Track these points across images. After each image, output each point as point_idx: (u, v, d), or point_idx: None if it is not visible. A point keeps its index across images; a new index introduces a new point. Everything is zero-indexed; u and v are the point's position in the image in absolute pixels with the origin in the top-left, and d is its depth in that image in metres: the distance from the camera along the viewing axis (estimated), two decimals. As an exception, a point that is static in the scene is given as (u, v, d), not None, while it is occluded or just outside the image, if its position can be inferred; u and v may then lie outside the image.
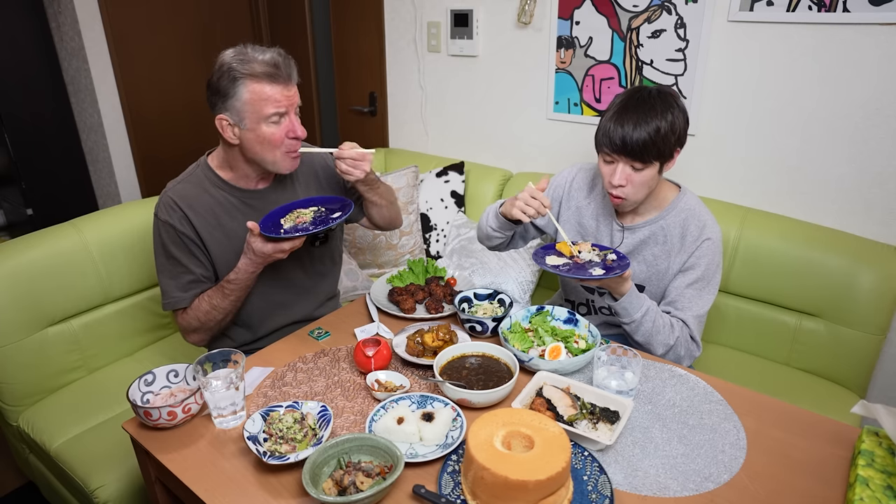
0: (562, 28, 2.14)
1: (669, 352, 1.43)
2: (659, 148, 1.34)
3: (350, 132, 3.13)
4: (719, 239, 1.47)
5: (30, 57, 2.89)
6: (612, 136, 1.35)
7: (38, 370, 1.70)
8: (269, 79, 1.30)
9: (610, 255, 1.40)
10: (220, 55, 1.34)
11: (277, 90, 1.32)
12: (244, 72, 1.30)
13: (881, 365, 1.80)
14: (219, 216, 1.46)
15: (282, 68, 1.32)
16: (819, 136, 1.77)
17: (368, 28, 2.77)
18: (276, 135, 1.35)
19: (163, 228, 1.43)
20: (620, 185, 1.39)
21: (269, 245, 1.33)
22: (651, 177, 1.38)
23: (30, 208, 3.06)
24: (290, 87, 1.35)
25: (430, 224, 2.42)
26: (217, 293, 1.43)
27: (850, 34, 1.64)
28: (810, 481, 1.01)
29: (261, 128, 1.34)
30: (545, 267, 1.34)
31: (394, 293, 1.61)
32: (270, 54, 1.32)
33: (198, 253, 1.45)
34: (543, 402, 1.14)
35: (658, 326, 1.41)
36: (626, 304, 1.40)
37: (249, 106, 1.32)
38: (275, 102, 1.32)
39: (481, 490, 0.90)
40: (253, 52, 1.32)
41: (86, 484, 1.48)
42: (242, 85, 1.30)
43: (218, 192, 1.47)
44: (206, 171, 1.48)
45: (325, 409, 1.13)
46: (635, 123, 1.32)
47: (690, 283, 1.45)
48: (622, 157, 1.36)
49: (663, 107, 1.34)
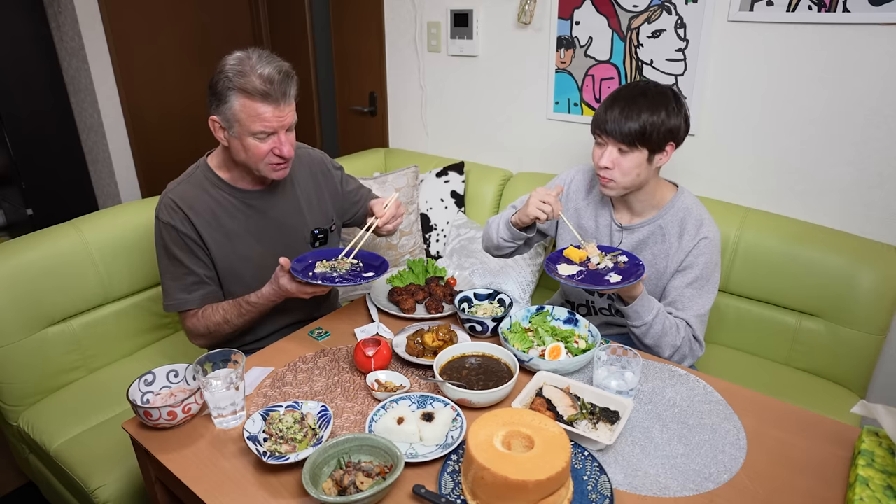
0: (562, 28, 2.14)
1: (676, 353, 1.43)
2: (646, 133, 1.36)
3: (350, 132, 3.13)
4: (717, 238, 1.47)
5: (30, 57, 2.89)
6: (601, 117, 1.40)
7: (38, 370, 1.70)
8: (262, 97, 1.28)
9: (621, 258, 1.39)
10: (224, 57, 1.32)
11: (268, 110, 1.30)
12: (237, 84, 1.28)
13: (881, 365, 1.80)
14: (219, 216, 1.46)
15: (276, 87, 1.28)
16: (819, 135, 1.77)
17: (368, 28, 2.77)
18: (260, 148, 1.35)
19: (164, 230, 1.43)
20: (607, 167, 1.41)
21: (294, 285, 1.35)
22: (638, 163, 1.39)
23: (30, 208, 3.06)
24: (283, 107, 1.32)
25: (430, 224, 2.42)
26: (233, 309, 1.44)
27: (850, 34, 1.64)
28: (810, 481, 1.01)
29: (247, 139, 1.34)
30: (558, 278, 1.32)
31: (394, 293, 1.61)
32: (270, 70, 1.28)
33: (200, 253, 1.45)
34: (543, 402, 1.14)
35: (667, 328, 1.41)
36: (637, 308, 1.39)
37: (238, 117, 1.32)
38: (263, 122, 1.31)
39: (481, 490, 0.90)
40: (255, 63, 1.29)
41: (86, 484, 1.48)
42: (234, 97, 1.29)
43: (218, 193, 1.47)
44: (205, 171, 1.48)
45: (325, 409, 1.13)
46: (624, 107, 1.37)
47: (689, 283, 1.45)
48: (609, 139, 1.40)
49: (659, 100, 1.37)
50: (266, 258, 1.51)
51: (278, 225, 1.54)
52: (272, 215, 1.53)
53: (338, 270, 1.37)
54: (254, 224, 1.50)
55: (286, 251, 1.53)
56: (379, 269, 1.38)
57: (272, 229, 1.53)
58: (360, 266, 1.41)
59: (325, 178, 1.65)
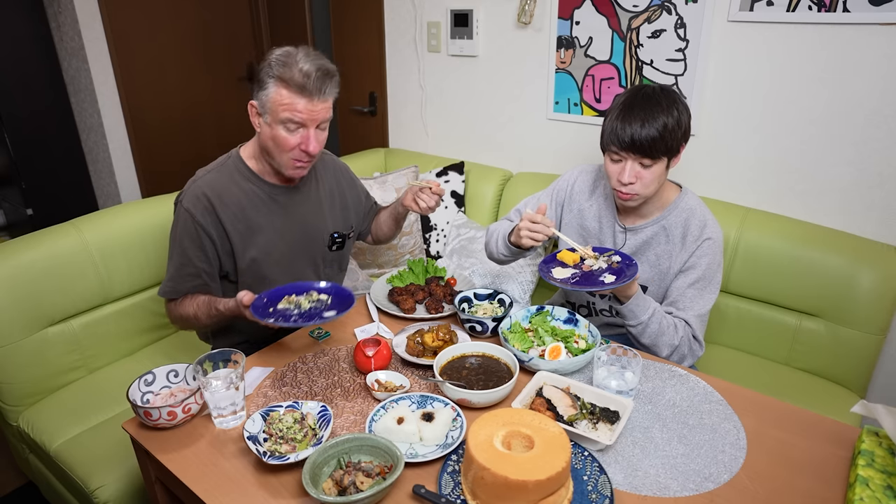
0: (562, 28, 2.14)
1: (674, 352, 1.42)
2: (667, 143, 1.35)
3: (350, 132, 3.13)
4: (720, 239, 1.47)
5: (30, 57, 2.89)
6: (619, 134, 1.35)
7: (38, 370, 1.70)
8: (297, 88, 1.32)
9: (614, 258, 1.38)
10: (272, 48, 1.37)
11: (301, 101, 1.33)
12: (277, 73, 1.32)
13: (881, 365, 1.80)
14: (245, 208, 1.47)
15: (313, 82, 1.31)
16: (819, 135, 1.77)
17: (368, 28, 2.77)
18: (288, 140, 1.37)
19: (182, 216, 1.44)
20: (630, 183, 1.39)
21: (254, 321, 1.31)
22: (660, 172, 1.39)
23: (30, 208, 3.06)
24: (317, 102, 1.34)
25: (430, 224, 2.42)
26: (204, 308, 1.45)
27: (850, 34, 1.64)
28: (810, 481, 1.01)
29: (277, 128, 1.36)
30: (553, 282, 1.32)
31: (394, 293, 1.61)
32: (310, 65, 1.32)
33: (209, 247, 1.45)
34: (543, 402, 1.14)
35: (664, 327, 1.41)
36: (632, 307, 1.40)
37: (272, 104, 1.35)
38: (293, 111, 1.33)
39: (481, 490, 0.90)
40: (300, 58, 1.33)
41: (86, 484, 1.48)
42: (273, 83, 1.33)
43: (247, 185, 1.48)
44: (237, 161, 1.49)
45: (325, 409, 1.13)
46: (643, 120, 1.33)
47: (691, 283, 1.45)
48: (630, 155, 1.37)
49: (668, 102, 1.35)
50: (286, 255, 1.53)
51: (301, 223, 1.55)
52: (295, 213, 1.54)
53: (300, 307, 1.34)
54: (278, 219, 1.52)
55: (305, 250, 1.56)
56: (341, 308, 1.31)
57: (294, 227, 1.54)
58: (326, 302, 1.36)
59: (350, 186, 1.69)
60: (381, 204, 1.86)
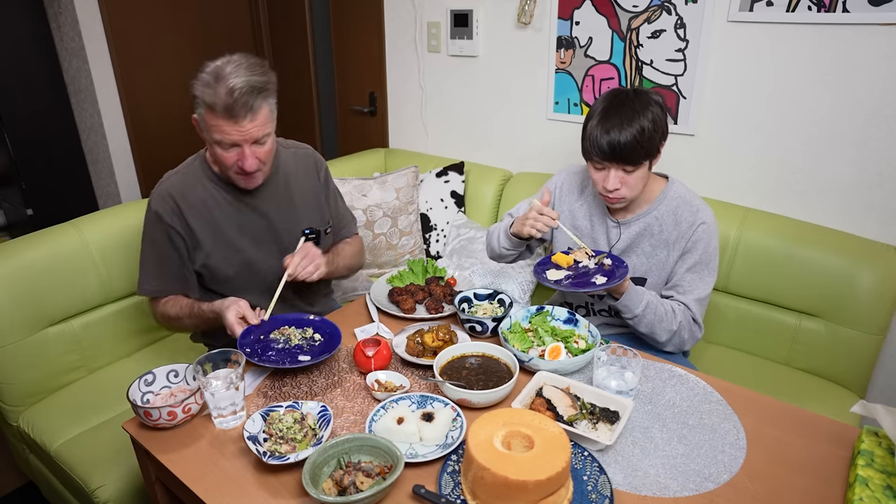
0: (562, 28, 2.14)
1: (674, 336, 1.46)
2: (646, 148, 1.37)
3: (350, 132, 3.13)
4: (714, 222, 1.50)
5: (30, 56, 2.89)
6: (600, 143, 1.38)
7: (38, 370, 1.70)
8: (223, 110, 1.28)
9: (606, 260, 1.42)
10: (205, 62, 1.33)
11: (229, 124, 1.30)
12: (200, 96, 1.30)
13: (881, 365, 1.80)
14: (211, 209, 1.48)
15: (238, 102, 1.27)
16: (819, 136, 1.77)
17: (368, 28, 2.77)
18: (225, 158, 1.37)
19: (151, 217, 1.46)
20: (616, 189, 1.42)
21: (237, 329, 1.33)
22: (644, 174, 1.43)
23: (30, 208, 3.06)
24: (245, 123, 1.30)
25: (429, 224, 2.42)
26: (187, 309, 1.47)
27: (850, 34, 1.64)
28: (810, 481, 1.01)
29: (214, 146, 1.37)
30: (547, 283, 1.37)
31: (394, 293, 1.61)
32: (239, 82, 1.26)
33: (180, 245, 1.46)
34: (543, 402, 1.14)
35: (660, 315, 1.45)
36: (626, 302, 1.44)
37: (205, 124, 1.35)
38: (223, 134, 1.32)
39: (481, 490, 0.90)
40: (227, 73, 1.27)
41: (86, 484, 1.48)
42: (201, 105, 1.32)
43: (211, 186, 1.49)
44: (202, 163, 1.50)
45: (325, 409, 1.13)
46: (620, 129, 1.35)
47: (690, 268, 1.49)
48: (613, 164, 1.40)
49: (642, 106, 1.37)
50: (254, 255, 1.52)
51: (269, 221, 1.54)
52: (263, 212, 1.53)
53: (289, 341, 1.34)
54: (244, 219, 1.51)
55: (276, 248, 1.55)
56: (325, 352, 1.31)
57: (262, 226, 1.54)
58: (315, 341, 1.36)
59: (323, 181, 1.67)
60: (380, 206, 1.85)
